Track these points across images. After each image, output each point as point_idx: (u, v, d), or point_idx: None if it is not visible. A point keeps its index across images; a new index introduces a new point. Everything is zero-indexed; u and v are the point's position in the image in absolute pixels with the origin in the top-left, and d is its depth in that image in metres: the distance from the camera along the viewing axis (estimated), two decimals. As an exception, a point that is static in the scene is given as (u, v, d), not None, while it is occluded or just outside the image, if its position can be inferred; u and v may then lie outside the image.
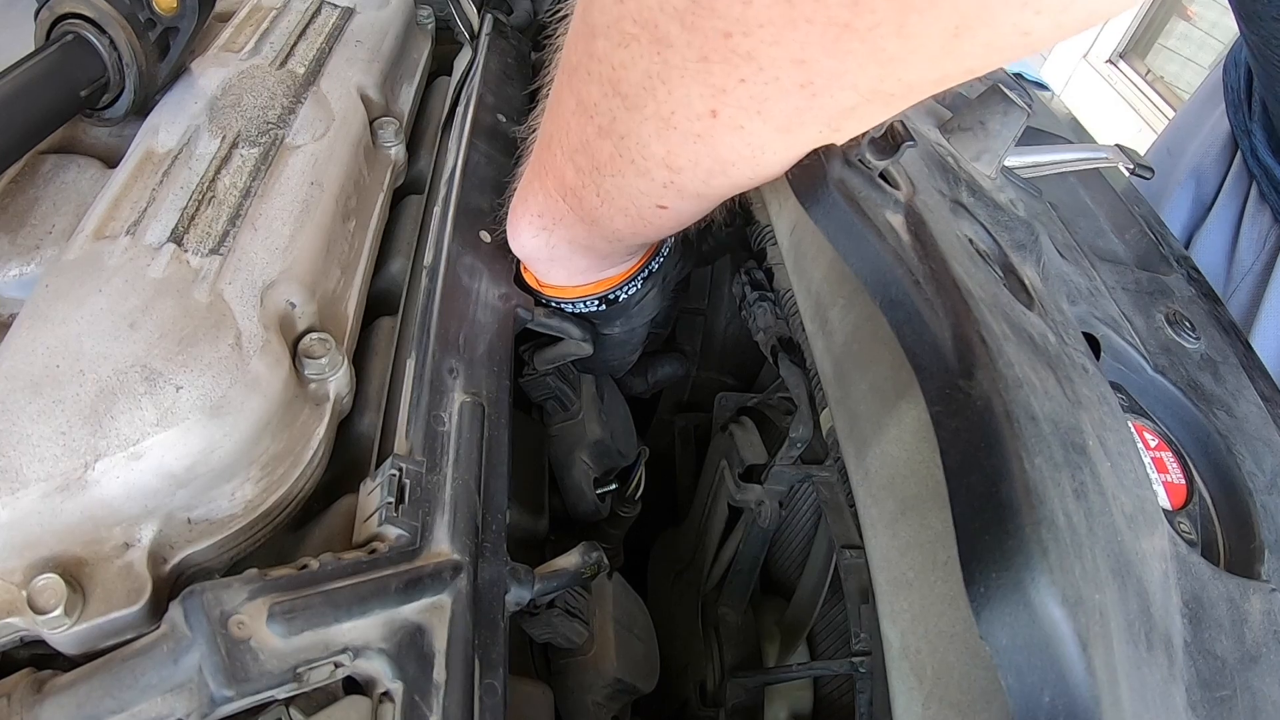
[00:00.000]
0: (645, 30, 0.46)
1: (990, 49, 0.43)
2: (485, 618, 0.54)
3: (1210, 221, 1.40)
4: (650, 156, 0.52)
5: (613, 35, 0.48)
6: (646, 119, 0.50)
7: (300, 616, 0.47)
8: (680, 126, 0.49)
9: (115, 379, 0.52)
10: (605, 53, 0.49)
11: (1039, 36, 0.42)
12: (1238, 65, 1.35)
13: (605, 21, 0.48)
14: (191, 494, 0.53)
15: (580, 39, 0.52)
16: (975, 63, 0.44)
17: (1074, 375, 0.51)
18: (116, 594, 0.49)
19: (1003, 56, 0.44)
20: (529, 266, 0.76)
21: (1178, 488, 0.63)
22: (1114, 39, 4.72)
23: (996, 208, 0.65)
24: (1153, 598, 0.44)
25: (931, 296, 0.46)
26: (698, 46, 0.44)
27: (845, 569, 0.73)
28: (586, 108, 0.54)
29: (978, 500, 0.38)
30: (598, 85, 0.51)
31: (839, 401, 0.55)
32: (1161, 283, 0.86)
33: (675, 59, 0.45)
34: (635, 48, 0.47)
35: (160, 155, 0.70)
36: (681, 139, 0.50)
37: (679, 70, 0.46)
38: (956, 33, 0.41)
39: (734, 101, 0.46)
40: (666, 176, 0.53)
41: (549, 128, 0.61)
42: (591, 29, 0.50)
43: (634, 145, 0.52)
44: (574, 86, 0.54)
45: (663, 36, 0.45)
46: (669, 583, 1.12)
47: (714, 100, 0.46)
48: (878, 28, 0.40)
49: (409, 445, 0.58)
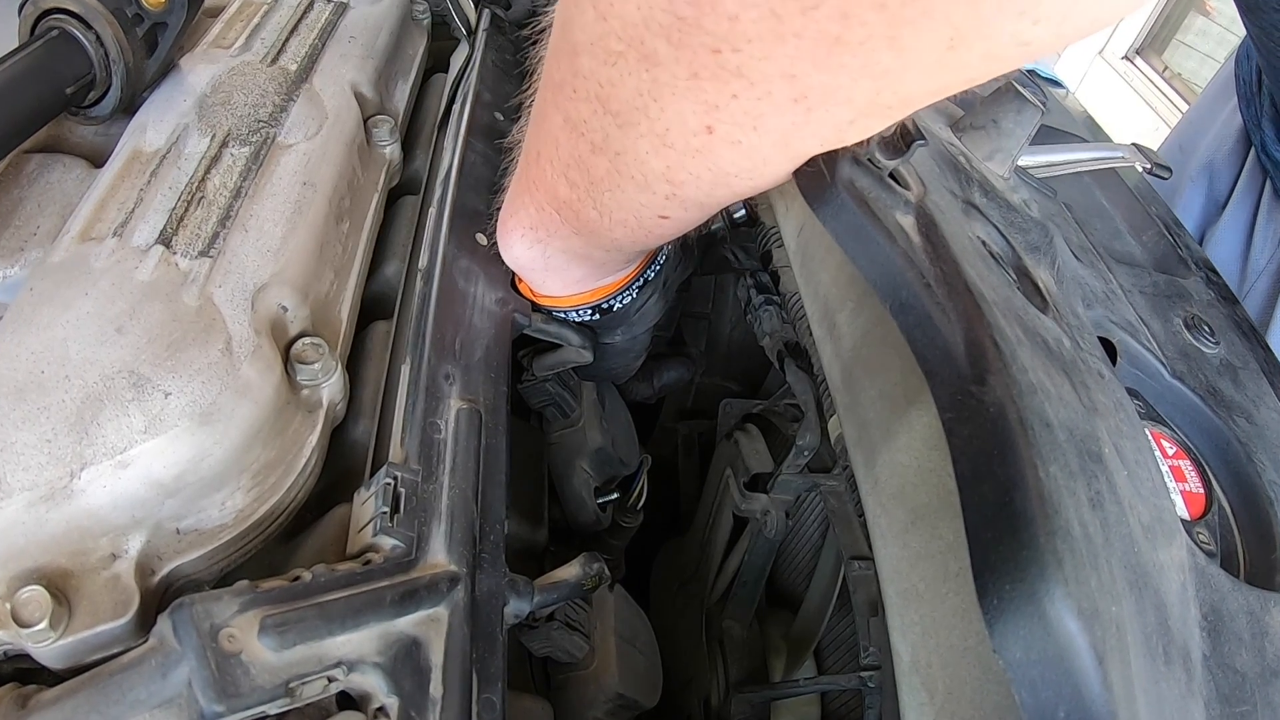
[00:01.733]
0: (632, 48, 0.46)
1: (988, 60, 0.43)
2: (483, 631, 0.54)
3: (1224, 219, 1.40)
4: (650, 172, 0.53)
5: (597, 53, 0.48)
6: (641, 136, 0.50)
7: (293, 629, 0.47)
8: (677, 144, 0.49)
9: (102, 385, 0.52)
10: (591, 70, 0.50)
11: (1038, 46, 0.42)
12: (1250, 58, 1.35)
13: (588, 39, 0.48)
14: (180, 503, 0.53)
15: (563, 56, 0.52)
16: (974, 73, 0.44)
17: (1090, 381, 0.51)
18: (103, 606, 0.49)
19: (1002, 66, 0.44)
20: (523, 277, 0.76)
21: (1196, 497, 0.64)
22: (1130, 35, 4.73)
23: (1010, 209, 0.65)
24: (1171, 610, 0.44)
25: (943, 300, 0.46)
26: (686, 63, 0.44)
27: (854, 581, 0.74)
28: (576, 124, 0.54)
29: (990, 510, 0.38)
30: (586, 103, 0.52)
31: (847, 408, 0.56)
32: (1179, 286, 0.86)
33: (665, 76, 0.46)
34: (622, 65, 0.47)
35: (148, 155, 0.70)
36: (679, 155, 0.50)
37: (669, 87, 0.46)
38: (952, 45, 0.41)
39: (728, 117, 0.46)
40: (668, 190, 0.54)
41: (536, 142, 0.61)
42: (574, 46, 0.50)
43: (632, 161, 0.53)
44: (560, 103, 0.54)
45: (650, 54, 0.45)
46: (672, 595, 1.12)
47: (708, 116, 0.47)
48: (869, 41, 0.40)
49: (404, 453, 0.59)
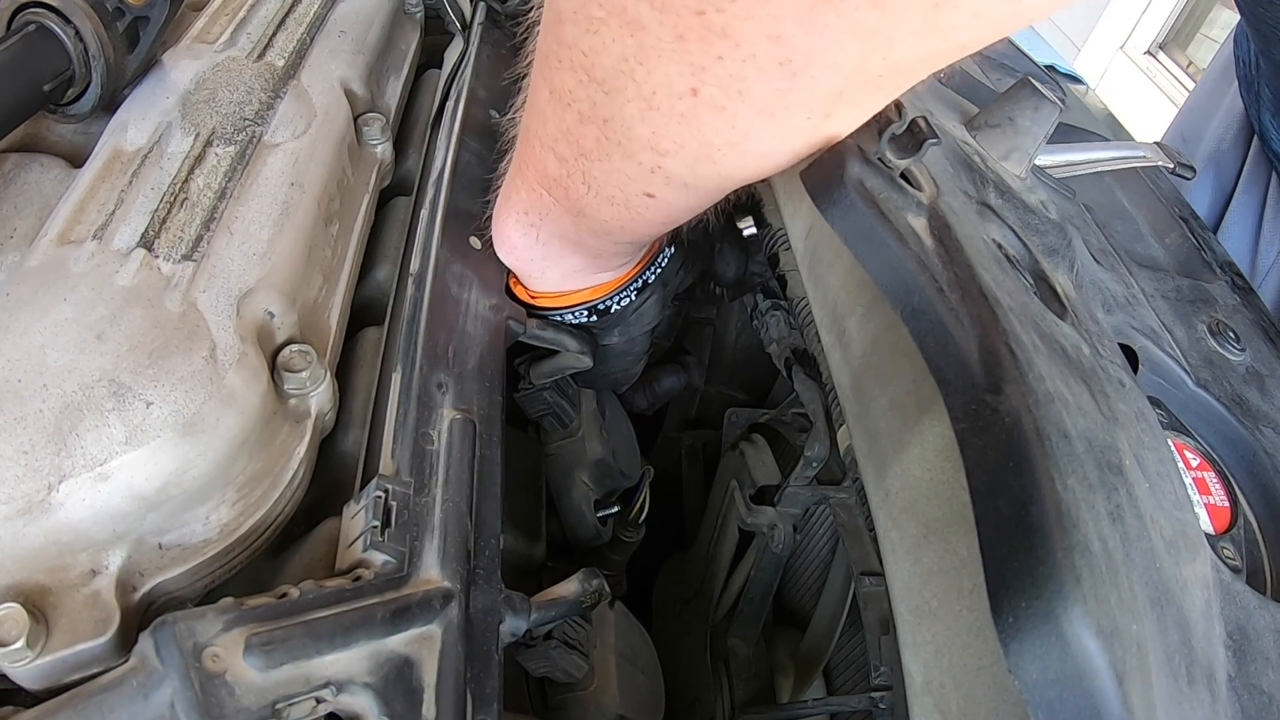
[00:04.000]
0: (614, 15, 0.48)
1: (978, 20, 0.44)
2: (478, 650, 0.54)
3: (1231, 213, 1.39)
4: (635, 139, 0.54)
5: (579, 21, 0.50)
6: (628, 101, 0.52)
7: (280, 648, 0.47)
8: (663, 107, 0.51)
9: (81, 394, 0.53)
10: (573, 39, 0.51)
11: (1031, 3, 0.43)
12: (1248, 38, 1.34)
13: (571, 7, 0.50)
14: (163, 517, 0.54)
15: (549, 27, 0.55)
16: (964, 36, 0.45)
17: (1109, 390, 0.51)
18: (82, 624, 0.49)
19: (995, 28, 0.45)
20: (518, 273, 0.77)
21: (1221, 510, 0.64)
22: (1153, 29, 4.72)
23: (1027, 210, 0.65)
24: (1194, 629, 0.45)
25: (956, 305, 0.47)
26: (671, 25, 0.46)
27: (864, 597, 0.74)
28: (562, 95, 0.56)
29: (1006, 524, 0.38)
30: (570, 72, 0.53)
31: (857, 418, 0.56)
32: (1204, 290, 0.86)
33: (650, 40, 0.47)
34: (605, 32, 0.49)
35: (129, 154, 0.71)
36: (665, 119, 0.52)
37: (655, 51, 0.48)
38: (936, 3, 0.42)
39: (714, 80, 0.48)
40: (653, 160, 0.55)
41: (527, 120, 0.64)
42: (558, 15, 0.52)
43: (618, 128, 0.54)
44: (546, 75, 0.57)
45: (634, 19, 0.47)
46: (675, 612, 1.12)
47: (694, 78, 0.48)
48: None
49: (395, 465, 0.59)
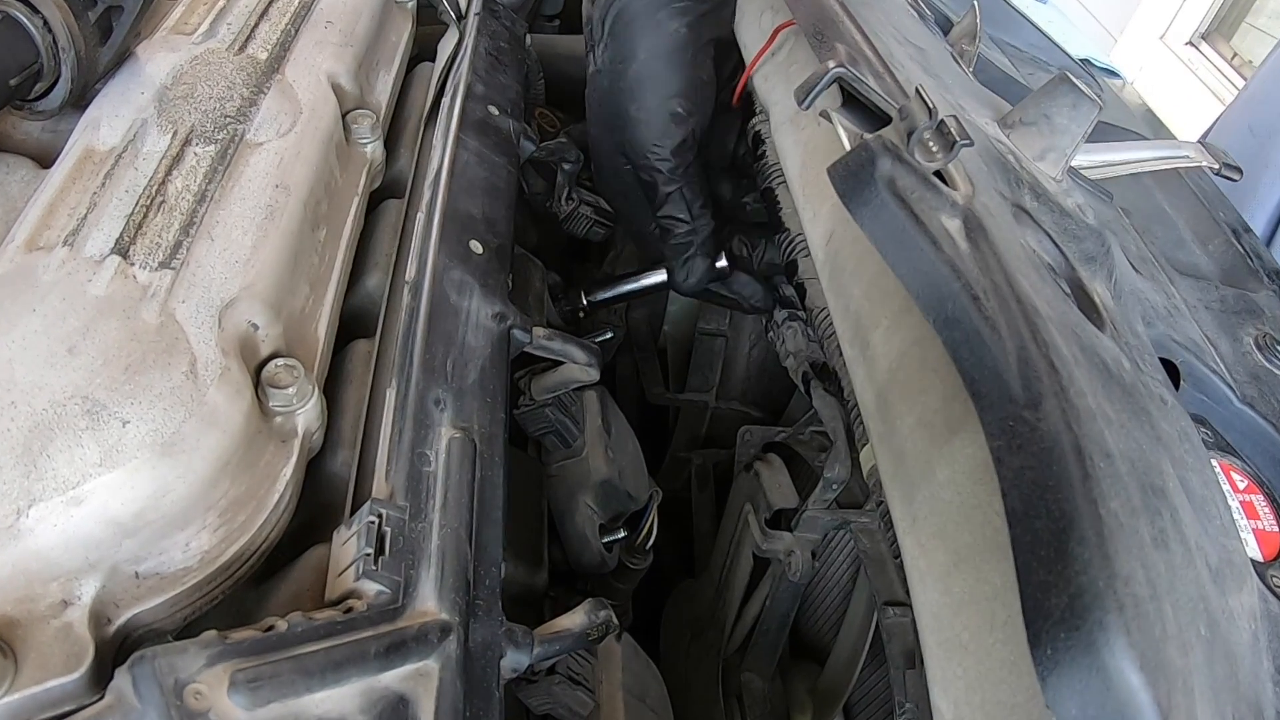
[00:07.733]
0: None
1: None
2: (477, 686, 0.54)
3: None
4: None
5: None
6: None
7: (266, 685, 0.47)
8: None
9: (52, 412, 0.53)
10: None
11: None
12: None
13: None
14: (139, 544, 0.54)
15: None
16: None
17: (1151, 407, 0.51)
18: (53, 659, 0.49)
19: None
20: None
21: (1270, 536, 0.64)
22: (1195, 19, 4.72)
23: (1063, 214, 0.66)
24: (1240, 662, 0.45)
25: (993, 314, 0.47)
26: None
27: (888, 629, 0.74)
28: None
29: (1044, 550, 0.39)
30: None
31: (882, 437, 0.56)
32: (1250, 300, 0.86)
33: None
34: None
35: (102, 154, 0.71)
36: None
37: None
38: None
39: None
40: None
41: None
42: None
43: None
44: None
45: None
46: (685, 645, 1.12)
47: None
48: None
49: (390, 488, 0.59)
